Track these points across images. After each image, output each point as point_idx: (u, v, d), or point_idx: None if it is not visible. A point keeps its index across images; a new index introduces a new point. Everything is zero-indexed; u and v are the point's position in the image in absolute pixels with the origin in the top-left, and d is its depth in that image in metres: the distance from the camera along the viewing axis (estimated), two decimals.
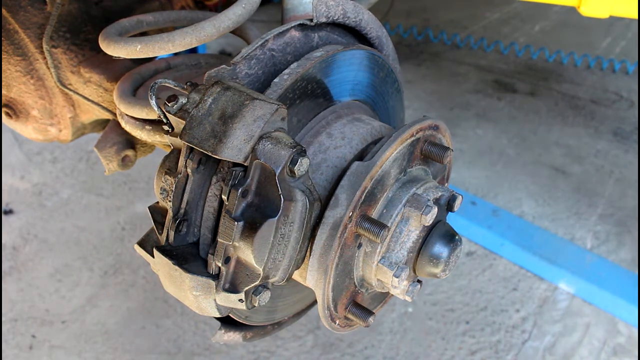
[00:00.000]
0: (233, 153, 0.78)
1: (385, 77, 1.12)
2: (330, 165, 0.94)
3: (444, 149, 0.96)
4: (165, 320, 1.94)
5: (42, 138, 1.33)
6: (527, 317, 2.00)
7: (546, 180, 2.60)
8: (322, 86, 0.97)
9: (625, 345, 1.91)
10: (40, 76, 1.21)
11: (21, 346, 1.87)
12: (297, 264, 0.88)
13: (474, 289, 2.09)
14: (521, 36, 3.88)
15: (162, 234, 0.87)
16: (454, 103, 3.17)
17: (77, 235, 2.26)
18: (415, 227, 0.92)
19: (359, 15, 1.07)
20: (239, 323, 1.02)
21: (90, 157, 2.67)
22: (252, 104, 0.79)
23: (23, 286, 2.06)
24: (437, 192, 0.94)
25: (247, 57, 0.90)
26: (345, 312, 0.97)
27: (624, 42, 3.83)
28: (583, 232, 2.32)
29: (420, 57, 3.63)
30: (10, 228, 2.29)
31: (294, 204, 0.81)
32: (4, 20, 1.15)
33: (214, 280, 0.83)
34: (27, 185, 2.51)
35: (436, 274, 0.94)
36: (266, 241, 0.80)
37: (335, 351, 1.87)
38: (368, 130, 0.99)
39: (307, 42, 0.99)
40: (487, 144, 2.84)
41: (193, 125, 0.80)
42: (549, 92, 3.30)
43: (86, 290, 2.05)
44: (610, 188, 2.57)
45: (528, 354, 1.89)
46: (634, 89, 3.31)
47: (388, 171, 0.90)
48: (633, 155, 2.78)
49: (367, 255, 0.92)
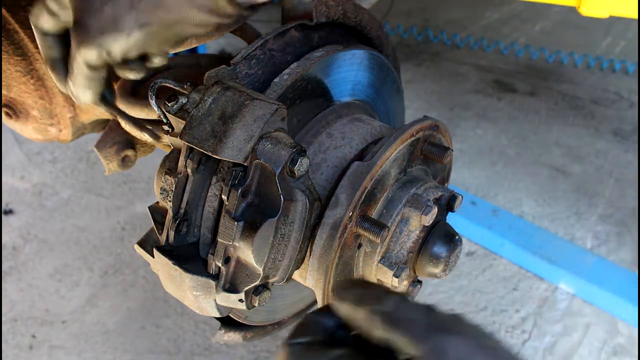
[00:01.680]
0: (233, 153, 0.78)
1: (385, 77, 1.12)
2: (330, 165, 0.94)
3: (444, 149, 0.96)
4: (165, 320, 1.94)
5: (42, 138, 1.33)
6: (527, 317, 2.00)
7: (546, 180, 2.60)
8: (322, 86, 0.97)
9: (625, 345, 1.91)
10: (40, 76, 1.21)
11: (21, 346, 1.87)
12: (297, 264, 0.88)
13: (474, 289, 2.09)
14: (521, 36, 3.88)
15: (162, 234, 0.87)
16: (454, 103, 3.17)
17: (77, 235, 2.26)
18: (415, 227, 0.92)
19: (359, 15, 1.07)
20: (239, 323, 1.02)
21: (90, 157, 2.67)
22: (252, 104, 0.80)
23: (23, 286, 2.06)
24: (437, 192, 0.94)
25: (247, 57, 0.90)
26: None
27: (624, 42, 3.83)
28: (583, 232, 2.32)
29: (420, 57, 3.63)
30: (10, 228, 2.29)
31: (294, 204, 0.81)
32: (4, 20, 1.15)
33: (214, 280, 0.83)
34: (27, 185, 2.51)
35: (436, 274, 0.94)
36: (266, 241, 0.80)
37: None
38: (368, 130, 0.99)
39: (307, 42, 0.99)
40: (487, 144, 2.84)
41: (193, 125, 0.80)
42: (549, 92, 3.30)
43: (86, 290, 2.05)
44: (610, 188, 2.57)
45: (528, 354, 1.89)
46: (634, 89, 3.31)
47: (388, 171, 0.90)
48: (633, 155, 2.78)
49: (367, 255, 0.92)
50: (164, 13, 0.74)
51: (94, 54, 0.79)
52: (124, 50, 0.78)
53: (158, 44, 0.79)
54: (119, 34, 0.76)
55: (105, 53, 0.79)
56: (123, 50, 0.78)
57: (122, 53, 0.79)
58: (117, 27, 0.76)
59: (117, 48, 0.78)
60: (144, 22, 0.75)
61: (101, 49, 0.78)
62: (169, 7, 0.74)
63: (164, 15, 0.75)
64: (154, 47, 0.80)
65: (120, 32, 0.76)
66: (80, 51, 0.79)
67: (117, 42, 0.77)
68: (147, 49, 0.79)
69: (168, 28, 0.76)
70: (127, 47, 0.78)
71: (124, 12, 0.75)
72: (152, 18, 0.75)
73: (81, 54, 0.79)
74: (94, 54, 0.79)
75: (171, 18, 0.75)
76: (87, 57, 0.79)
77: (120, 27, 0.76)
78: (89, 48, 0.78)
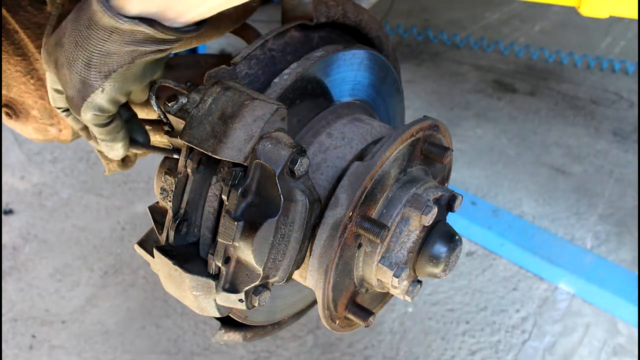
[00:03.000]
0: (233, 153, 0.78)
1: (385, 77, 1.12)
2: (331, 165, 0.94)
3: (444, 149, 0.96)
4: (165, 320, 1.94)
5: (42, 138, 1.33)
6: (527, 317, 2.00)
7: (546, 180, 2.60)
8: (322, 86, 0.97)
9: (625, 345, 1.91)
10: (40, 76, 1.20)
11: (21, 346, 1.87)
12: (297, 264, 0.88)
13: (474, 289, 2.09)
14: (521, 36, 3.88)
15: (162, 234, 0.87)
16: (454, 103, 3.17)
17: (77, 235, 2.26)
18: (415, 227, 0.92)
19: (359, 15, 1.07)
20: (239, 323, 1.02)
21: (90, 157, 2.67)
22: (252, 104, 0.79)
23: (23, 286, 2.06)
24: (437, 192, 0.94)
25: (247, 57, 0.90)
26: (345, 312, 0.97)
27: (624, 42, 3.83)
28: (583, 232, 2.32)
29: (420, 57, 3.63)
30: (10, 228, 2.29)
31: (294, 204, 0.81)
32: (4, 20, 1.15)
33: (214, 280, 0.83)
34: (27, 185, 2.51)
35: (436, 274, 0.94)
36: (266, 241, 0.80)
37: (335, 351, 1.87)
38: (368, 130, 0.99)
39: (307, 42, 0.99)
40: (487, 144, 2.84)
41: (193, 125, 0.80)
42: (549, 92, 3.30)
43: (86, 290, 2.05)
44: (610, 188, 2.57)
45: (528, 354, 1.89)
46: (634, 89, 3.31)
47: (388, 171, 0.90)
48: (633, 155, 2.78)
49: (367, 255, 0.92)
50: (117, 58, 0.79)
51: (91, 116, 0.85)
52: (110, 101, 0.84)
53: (133, 82, 0.84)
54: (94, 91, 0.82)
55: (98, 111, 0.85)
56: (109, 101, 0.84)
57: (111, 104, 0.84)
58: (90, 88, 0.82)
59: (104, 103, 0.84)
60: (106, 72, 0.80)
61: (93, 110, 0.84)
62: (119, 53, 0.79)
63: (118, 59, 0.79)
64: (132, 85, 0.84)
65: (95, 90, 0.82)
66: (82, 118, 0.86)
67: (99, 98, 0.83)
68: (128, 89, 0.84)
69: (128, 67, 0.81)
70: (109, 98, 0.83)
71: (85, 73, 0.81)
72: (109, 66, 0.80)
73: (84, 119, 0.86)
74: (91, 116, 0.85)
75: (124, 59, 0.80)
76: (89, 120, 0.86)
77: (92, 86, 0.81)
78: (85, 113, 0.85)
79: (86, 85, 0.81)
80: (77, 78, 0.81)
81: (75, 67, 0.81)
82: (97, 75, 0.80)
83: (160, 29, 0.77)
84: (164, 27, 0.77)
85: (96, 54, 0.79)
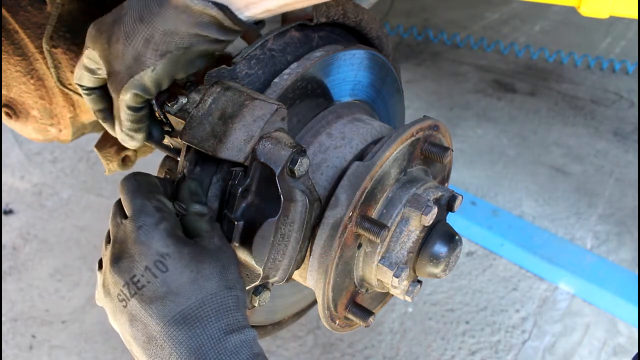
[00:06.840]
0: (233, 153, 0.78)
1: (385, 77, 1.12)
2: (330, 165, 0.94)
3: (444, 149, 0.96)
4: None
5: (42, 138, 1.33)
6: (527, 317, 2.00)
7: (546, 180, 2.60)
8: (322, 86, 0.97)
9: (625, 345, 1.91)
10: (40, 76, 1.20)
11: (21, 346, 1.87)
12: (297, 264, 0.88)
13: (474, 289, 2.09)
14: (521, 36, 3.88)
15: None
16: (454, 103, 3.17)
17: (77, 235, 2.26)
18: (415, 227, 0.92)
19: (359, 15, 1.07)
20: None
21: (90, 157, 2.67)
22: (252, 104, 0.80)
23: (23, 286, 2.06)
24: (437, 192, 0.94)
25: (247, 57, 0.90)
26: (345, 312, 0.97)
27: (624, 42, 3.83)
28: (583, 232, 2.33)
29: (420, 57, 3.63)
30: (10, 228, 2.29)
31: (294, 204, 0.81)
32: (4, 20, 1.15)
33: None
34: (27, 185, 2.51)
35: (436, 274, 0.94)
36: (266, 241, 0.80)
37: (335, 351, 1.87)
38: (368, 130, 0.99)
39: (307, 42, 0.99)
40: (487, 144, 2.84)
41: (193, 125, 0.81)
42: (549, 92, 3.30)
43: (86, 290, 2.05)
44: (610, 188, 2.57)
45: (528, 354, 1.89)
46: (634, 89, 3.31)
47: (388, 171, 0.90)
48: (633, 155, 2.78)
49: (367, 255, 0.92)
50: (178, 39, 0.80)
51: (131, 96, 0.84)
52: (155, 83, 0.83)
53: (182, 68, 0.84)
54: (145, 70, 0.82)
55: (141, 91, 0.83)
56: (155, 83, 0.83)
57: (155, 87, 0.84)
58: (142, 65, 0.81)
59: (150, 83, 0.83)
60: (163, 51, 0.80)
61: (136, 89, 0.83)
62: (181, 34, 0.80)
63: (179, 41, 0.80)
64: (179, 72, 0.84)
65: (146, 68, 0.81)
66: (120, 97, 0.85)
67: (147, 78, 0.82)
68: (174, 75, 0.84)
69: (185, 52, 0.81)
70: (157, 78, 0.83)
71: (142, 49, 0.81)
72: (168, 46, 0.80)
73: (121, 99, 0.85)
74: (131, 96, 0.84)
75: (185, 42, 0.81)
76: (126, 100, 0.85)
77: (145, 63, 0.81)
78: (126, 92, 0.84)
79: (138, 62, 0.81)
80: (131, 53, 0.81)
81: (132, 41, 0.81)
82: (153, 54, 0.81)
83: (230, 15, 0.79)
84: (232, 15, 0.79)
85: (159, 31, 0.80)
